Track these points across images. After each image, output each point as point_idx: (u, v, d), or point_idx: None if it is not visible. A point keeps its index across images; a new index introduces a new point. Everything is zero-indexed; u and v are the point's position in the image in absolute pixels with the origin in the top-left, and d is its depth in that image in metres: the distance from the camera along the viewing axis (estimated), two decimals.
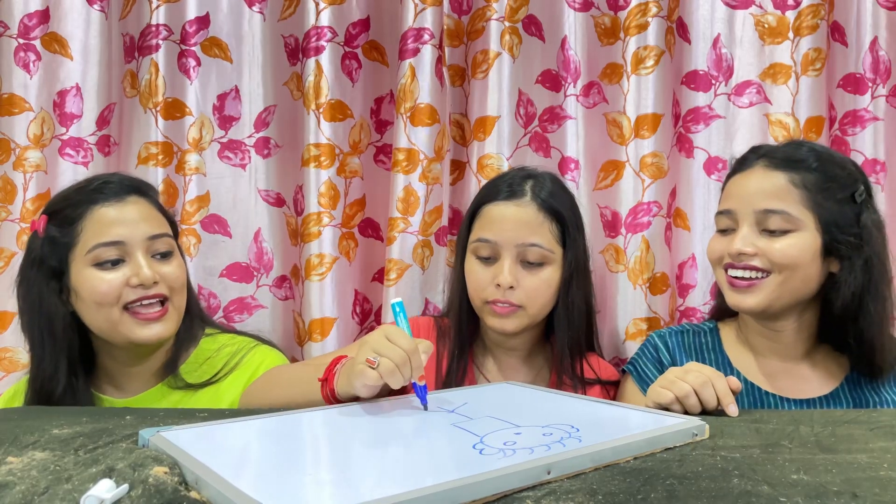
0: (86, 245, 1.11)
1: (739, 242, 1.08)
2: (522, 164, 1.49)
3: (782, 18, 1.45)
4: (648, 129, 1.45)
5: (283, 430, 0.78)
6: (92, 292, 1.11)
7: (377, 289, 1.59)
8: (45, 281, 1.13)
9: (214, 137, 1.56)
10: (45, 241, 1.14)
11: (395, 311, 0.94)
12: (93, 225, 1.12)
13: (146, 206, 1.18)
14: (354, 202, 1.56)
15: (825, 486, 0.59)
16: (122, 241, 1.12)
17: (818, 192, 1.06)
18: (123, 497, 0.55)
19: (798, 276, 1.07)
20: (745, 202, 1.09)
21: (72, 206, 1.14)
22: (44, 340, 1.14)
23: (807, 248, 1.06)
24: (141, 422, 0.84)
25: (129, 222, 1.13)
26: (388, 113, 1.60)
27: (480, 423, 0.78)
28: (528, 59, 1.55)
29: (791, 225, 1.06)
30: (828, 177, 1.07)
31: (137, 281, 1.11)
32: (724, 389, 0.92)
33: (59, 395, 1.13)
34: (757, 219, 1.08)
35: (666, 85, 1.48)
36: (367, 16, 1.58)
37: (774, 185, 1.07)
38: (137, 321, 1.13)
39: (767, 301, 1.08)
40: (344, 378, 0.91)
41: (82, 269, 1.11)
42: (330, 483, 0.59)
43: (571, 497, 0.56)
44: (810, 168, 1.07)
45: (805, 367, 1.15)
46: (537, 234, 1.20)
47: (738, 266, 1.09)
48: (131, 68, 1.56)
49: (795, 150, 1.11)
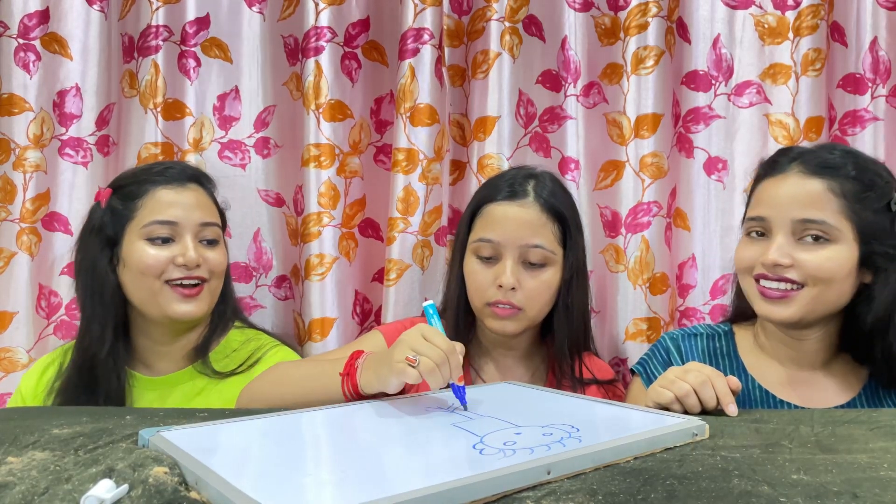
0: (142, 220, 1.20)
1: (775, 253, 1.02)
2: (523, 164, 1.49)
3: (782, 19, 1.45)
4: (648, 129, 1.45)
5: (283, 430, 0.78)
6: (139, 263, 1.19)
7: (377, 289, 1.59)
8: (100, 248, 1.22)
9: (214, 138, 1.56)
10: (106, 212, 1.23)
11: (427, 312, 0.95)
12: (152, 203, 1.21)
13: (202, 195, 1.27)
14: (354, 202, 1.56)
15: (825, 486, 0.59)
16: (175, 222, 1.21)
17: (856, 201, 1.00)
18: (123, 497, 0.55)
19: (833, 289, 1.02)
20: (781, 209, 1.03)
21: (136, 183, 1.23)
22: (94, 303, 1.22)
23: (844, 261, 1.00)
24: (141, 422, 0.84)
25: (184, 206, 1.22)
26: (388, 113, 1.60)
27: (480, 422, 0.78)
28: (528, 59, 1.55)
29: (829, 235, 1.00)
30: (865, 184, 1.01)
31: (183, 261, 1.20)
32: (724, 389, 0.91)
33: (104, 358, 1.19)
34: (793, 228, 1.02)
35: (666, 85, 1.48)
36: (366, 16, 1.58)
37: (811, 193, 1.01)
38: (175, 295, 1.20)
39: (801, 314, 1.03)
40: (371, 373, 0.90)
41: (135, 241, 1.20)
42: (330, 483, 0.59)
43: (571, 497, 0.56)
44: (848, 175, 1.02)
45: (823, 377, 1.11)
46: (540, 235, 1.19)
47: (771, 277, 1.04)
48: (130, 68, 1.56)
49: (831, 156, 1.05)
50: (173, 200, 1.22)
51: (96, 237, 1.22)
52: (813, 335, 1.09)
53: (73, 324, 1.49)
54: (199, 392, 1.23)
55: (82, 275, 1.24)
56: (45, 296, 1.48)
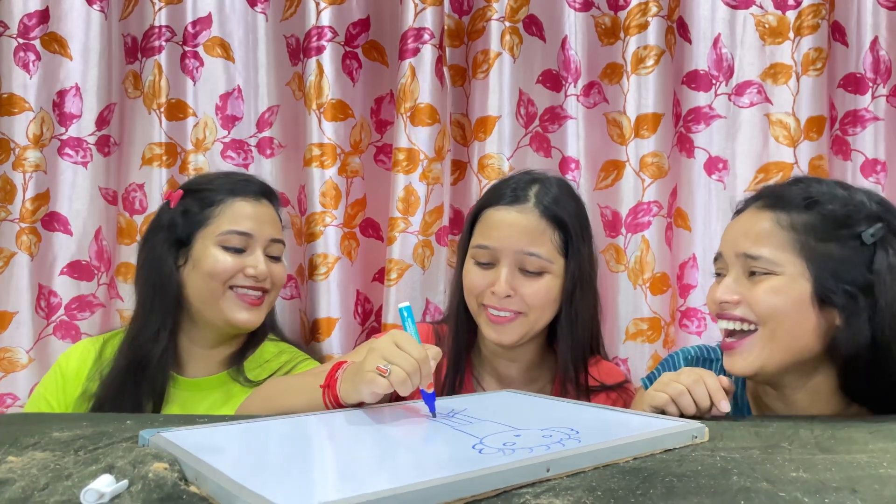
0: (219, 227, 1.23)
1: (721, 290, 0.98)
2: (523, 163, 1.49)
3: (783, 18, 1.45)
4: (649, 129, 1.45)
5: (285, 431, 0.78)
6: (213, 267, 1.22)
7: (378, 289, 1.59)
8: (167, 247, 1.24)
9: (217, 137, 1.56)
10: (176, 212, 1.25)
11: (402, 315, 0.92)
12: (230, 212, 1.24)
13: (273, 213, 1.31)
14: (355, 202, 1.56)
15: (824, 482, 0.59)
16: (251, 234, 1.25)
17: (808, 234, 0.93)
18: (123, 492, 0.55)
19: (785, 328, 0.93)
20: (731, 245, 0.99)
21: (214, 189, 1.26)
22: (155, 301, 1.23)
23: (789, 294, 0.92)
24: (141, 426, 0.83)
25: (259, 220, 1.26)
26: (388, 113, 1.60)
27: (480, 426, 0.78)
28: (528, 59, 1.55)
29: (771, 269, 0.94)
30: (822, 216, 0.94)
31: (254, 272, 1.24)
32: (715, 386, 0.91)
33: (159, 356, 1.21)
34: (741, 263, 0.97)
35: (666, 85, 1.48)
36: (367, 15, 1.58)
37: (758, 228, 0.96)
38: (239, 302, 1.24)
39: (759, 362, 0.95)
40: (349, 383, 0.90)
41: (209, 246, 1.23)
42: (330, 476, 0.60)
43: (570, 493, 0.56)
44: (801, 207, 0.95)
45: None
46: (537, 242, 1.14)
47: (724, 316, 0.98)
48: (134, 69, 1.57)
49: (792, 190, 0.98)
50: (250, 213, 1.25)
51: (165, 236, 1.24)
52: (797, 392, 1.00)
53: (72, 324, 1.48)
54: (230, 398, 1.24)
55: (146, 270, 1.26)
56: (45, 296, 1.48)
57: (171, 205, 1.27)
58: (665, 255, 1.48)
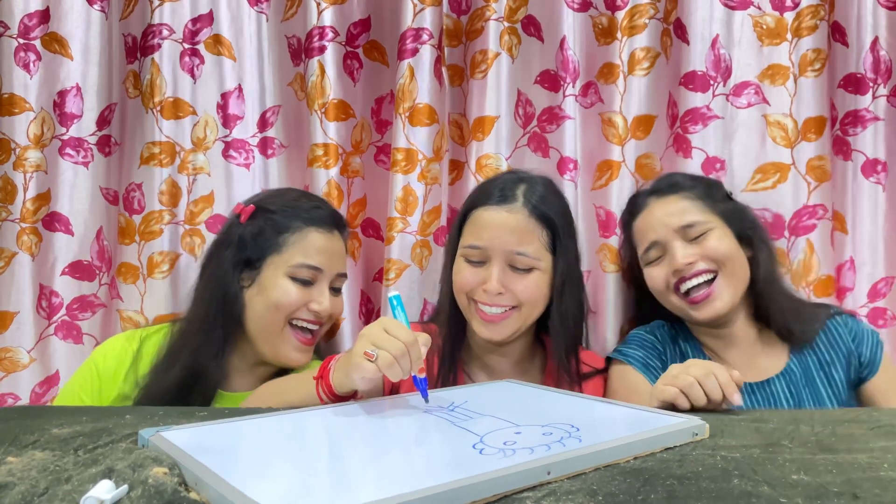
0: (292, 257, 1.21)
1: (679, 256, 1.21)
2: (521, 163, 1.50)
3: (780, 20, 1.45)
4: (643, 130, 1.46)
5: (283, 430, 0.78)
6: (281, 297, 1.20)
7: (378, 289, 1.59)
8: (234, 264, 1.22)
9: (219, 136, 1.56)
10: (248, 232, 1.23)
11: (392, 304, 0.94)
12: (304, 243, 1.22)
13: (342, 245, 1.30)
14: (356, 202, 1.56)
15: (825, 486, 0.59)
16: (321, 269, 1.23)
17: (708, 198, 1.25)
18: (123, 498, 0.55)
19: (736, 263, 1.22)
20: (663, 227, 1.24)
21: (289, 215, 1.24)
22: (217, 319, 1.21)
23: (727, 239, 1.22)
24: (141, 421, 0.84)
25: (330, 254, 1.25)
26: (389, 113, 1.60)
27: (480, 422, 0.78)
28: (526, 59, 1.55)
29: (707, 227, 1.22)
30: (705, 187, 1.28)
31: (318, 308, 1.22)
32: (727, 379, 0.92)
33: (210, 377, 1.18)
34: (680, 235, 1.23)
35: (661, 86, 1.48)
36: (367, 15, 1.58)
37: (676, 206, 1.25)
38: (295, 342, 1.23)
39: (730, 298, 1.21)
40: (341, 372, 0.91)
41: (279, 276, 1.21)
42: (329, 483, 0.59)
43: (571, 497, 0.56)
44: (686, 185, 1.27)
45: (758, 352, 1.26)
46: (525, 242, 1.18)
47: (688, 276, 1.21)
48: (134, 69, 1.56)
49: (669, 178, 1.32)
50: (323, 247, 1.23)
51: (233, 253, 1.22)
52: (735, 320, 1.26)
53: (73, 324, 1.48)
54: None
55: (212, 285, 1.23)
56: (46, 296, 1.48)
57: (241, 219, 1.25)
58: None
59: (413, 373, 0.87)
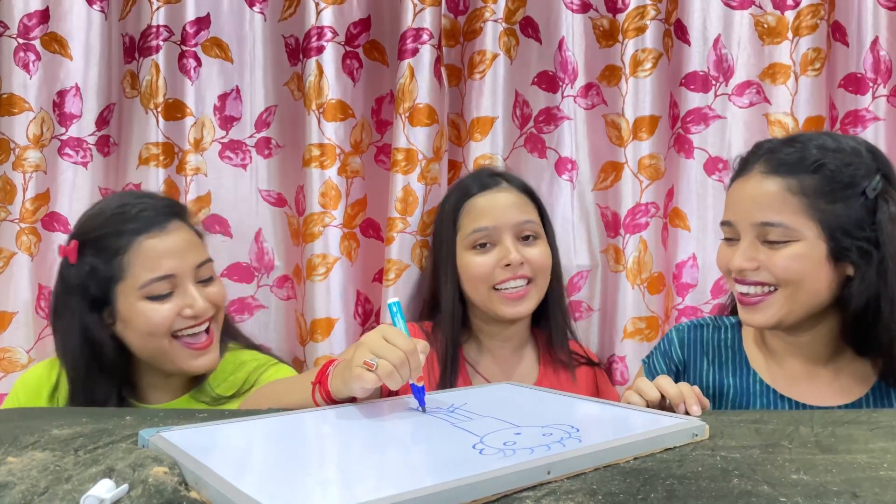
0: (137, 279, 1.10)
1: (739, 258, 1.02)
2: (518, 164, 1.53)
3: (781, 19, 1.45)
4: (646, 131, 1.46)
5: (283, 431, 0.78)
6: (147, 324, 1.11)
7: (378, 289, 1.59)
8: (86, 309, 1.12)
9: (215, 138, 1.56)
10: (83, 271, 1.12)
11: (392, 311, 0.93)
12: (140, 258, 1.11)
13: (187, 232, 1.17)
14: (356, 202, 1.56)
15: (825, 485, 0.59)
16: (173, 275, 1.12)
17: (818, 197, 0.97)
18: (123, 497, 0.55)
19: (805, 288, 0.99)
20: (743, 213, 1.03)
21: (112, 235, 1.12)
22: (92, 371, 1.13)
23: (809, 258, 0.98)
24: (141, 422, 0.84)
25: (175, 253, 1.13)
26: (389, 113, 1.60)
27: (480, 422, 0.78)
28: (524, 60, 1.55)
29: (790, 236, 0.98)
30: (829, 177, 0.98)
31: (192, 312, 1.13)
32: (689, 392, 0.91)
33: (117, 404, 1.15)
34: (756, 232, 1.01)
35: (664, 87, 1.48)
36: (367, 15, 1.58)
37: (770, 195, 1.00)
38: (187, 352, 1.14)
39: (778, 317, 1.01)
40: (339, 379, 0.90)
41: (135, 303, 1.11)
42: (330, 483, 0.59)
43: (571, 497, 0.56)
44: (808, 170, 0.98)
45: (828, 373, 1.08)
46: (527, 212, 1.29)
47: (744, 282, 1.03)
48: (131, 69, 1.56)
49: (793, 151, 1.02)
50: (164, 250, 1.12)
51: (80, 299, 1.12)
52: (807, 335, 1.06)
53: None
54: None
55: (71, 341, 1.13)
56: (45, 296, 1.47)
57: (70, 260, 1.13)
58: (661, 255, 1.48)
59: (411, 381, 0.87)
